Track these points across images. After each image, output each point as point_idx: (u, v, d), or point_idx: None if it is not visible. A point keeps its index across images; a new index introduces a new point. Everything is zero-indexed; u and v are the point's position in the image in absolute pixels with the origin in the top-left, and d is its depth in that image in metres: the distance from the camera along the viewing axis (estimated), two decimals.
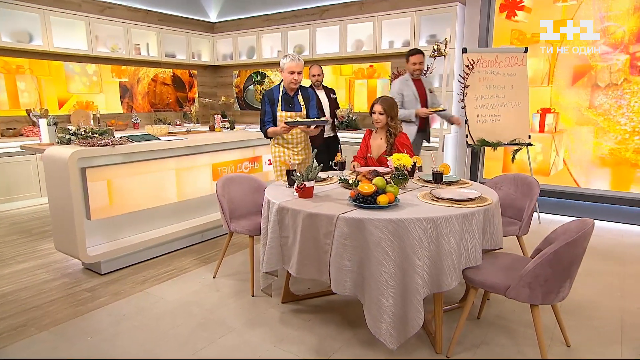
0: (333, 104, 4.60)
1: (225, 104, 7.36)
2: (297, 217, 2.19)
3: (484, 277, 2.03)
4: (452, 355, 2.12)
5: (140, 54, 6.17)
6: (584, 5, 4.38)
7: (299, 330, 2.38)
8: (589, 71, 4.44)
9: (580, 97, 4.52)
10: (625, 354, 2.15)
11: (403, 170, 2.56)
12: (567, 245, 1.81)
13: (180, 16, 6.85)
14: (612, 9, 4.24)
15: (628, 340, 2.26)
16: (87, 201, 3.01)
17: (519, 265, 2.10)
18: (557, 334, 2.27)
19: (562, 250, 1.82)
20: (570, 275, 1.92)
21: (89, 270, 3.21)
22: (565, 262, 1.86)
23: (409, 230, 1.96)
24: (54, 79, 5.53)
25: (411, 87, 4.03)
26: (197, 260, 3.44)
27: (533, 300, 1.91)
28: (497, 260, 2.21)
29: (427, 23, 5.11)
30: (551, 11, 4.57)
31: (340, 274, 2.06)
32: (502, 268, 2.11)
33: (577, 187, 4.64)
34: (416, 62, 3.99)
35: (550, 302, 1.94)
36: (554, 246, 1.84)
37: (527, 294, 1.90)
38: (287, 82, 3.23)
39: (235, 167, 4.11)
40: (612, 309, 2.60)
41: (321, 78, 4.50)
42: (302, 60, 3.22)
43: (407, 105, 4.03)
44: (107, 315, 2.55)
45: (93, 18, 5.48)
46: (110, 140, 3.13)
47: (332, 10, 6.06)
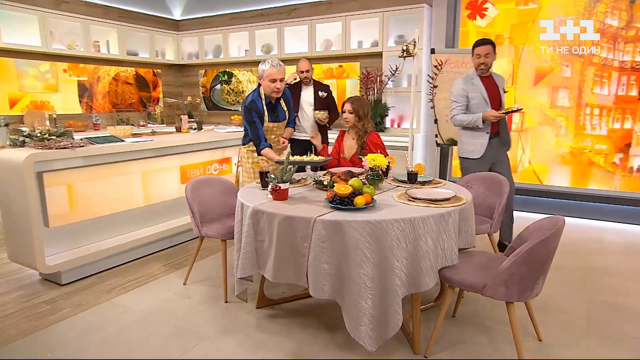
0: (321, 104, 4.02)
1: (192, 104, 7.17)
2: (272, 220, 2.13)
3: (461, 277, 2.05)
4: (430, 355, 2.12)
5: (100, 52, 5.90)
6: (544, 9, 4.54)
7: (276, 335, 2.33)
8: (550, 72, 4.61)
9: (542, 96, 4.69)
10: (593, 345, 2.22)
11: (378, 171, 2.55)
12: (541, 243, 1.85)
13: (143, 13, 6.61)
14: (569, 13, 4.41)
15: (595, 333, 2.34)
16: (44, 207, 2.83)
17: (494, 263, 2.13)
18: (529, 328, 2.32)
19: (537, 248, 1.85)
20: (544, 272, 1.96)
21: (48, 281, 3.02)
22: (539, 260, 1.89)
23: (387, 231, 1.94)
24: (3, 77, 5.19)
25: (478, 87, 3.30)
26: (167, 266, 3.31)
27: (509, 298, 1.94)
28: (472, 259, 2.23)
29: (396, 23, 5.15)
30: (514, 13, 4.71)
31: (319, 278, 2.02)
32: (477, 267, 2.13)
33: (540, 185, 4.81)
34: (481, 54, 3.25)
35: (525, 299, 1.98)
36: (528, 244, 1.87)
37: (504, 292, 1.93)
38: (268, 91, 2.98)
39: (204, 169, 4.00)
40: (578, 303, 2.69)
41: (310, 74, 4.07)
42: (283, 65, 2.98)
43: (473, 109, 3.31)
44: (69, 329, 2.39)
45: (47, 13, 5.18)
46: (69, 142, 2.96)
47: (301, 10, 6.01)
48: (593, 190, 4.54)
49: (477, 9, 4.88)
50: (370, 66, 5.44)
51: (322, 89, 4.09)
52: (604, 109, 4.40)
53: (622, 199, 4.34)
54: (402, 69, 5.09)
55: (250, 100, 3.01)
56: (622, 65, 4.26)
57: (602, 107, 4.40)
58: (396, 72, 5.05)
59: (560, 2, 4.46)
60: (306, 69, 4.01)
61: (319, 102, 4.02)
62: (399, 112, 5.35)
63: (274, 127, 3.16)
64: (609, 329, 2.38)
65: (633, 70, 4.22)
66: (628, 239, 3.85)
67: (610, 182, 4.45)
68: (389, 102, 5.26)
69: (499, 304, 2.55)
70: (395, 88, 5.23)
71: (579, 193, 4.59)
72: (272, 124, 3.13)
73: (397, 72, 5.06)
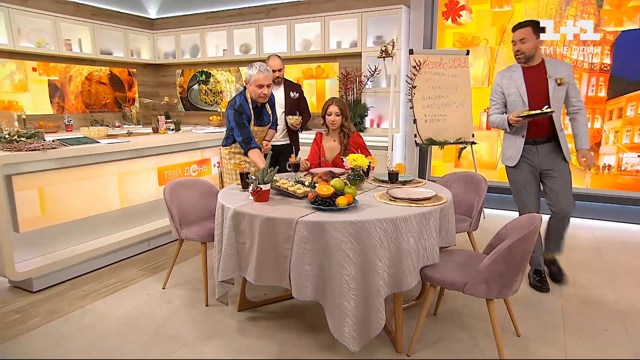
0: (292, 105, 3.74)
1: (169, 105, 7.04)
2: (254, 222, 2.11)
3: (442, 275, 2.07)
4: (412, 353, 2.14)
5: (72, 50, 5.71)
6: (517, 12, 4.65)
7: (258, 338, 2.30)
8: None
9: None
10: (569, 339, 2.28)
11: (359, 171, 2.55)
12: (520, 241, 1.88)
13: (116, 11, 6.44)
14: (541, 16, 4.53)
15: (570, 327, 2.40)
16: (14, 212, 2.72)
17: (474, 261, 2.16)
18: (507, 324, 2.37)
19: (515, 246, 1.88)
20: (522, 268, 2.00)
21: (18, 288, 2.91)
22: (518, 257, 1.93)
23: (369, 231, 1.94)
24: None
25: (517, 80, 2.75)
26: (144, 270, 3.23)
27: (489, 295, 1.97)
28: (453, 257, 2.26)
29: (374, 24, 5.18)
30: (489, 16, 4.80)
31: (301, 279, 2.01)
32: (458, 265, 2.15)
33: None
34: (516, 39, 2.71)
35: (505, 295, 2.01)
36: (507, 242, 1.90)
37: (484, 290, 1.95)
38: (254, 96, 2.95)
39: (182, 170, 3.93)
40: (553, 298, 2.75)
41: (282, 73, 3.72)
42: (270, 70, 2.91)
43: (511, 107, 2.81)
44: (42, 338, 2.31)
45: (13, 9, 4.97)
46: (40, 144, 2.85)
47: (279, 10, 5.98)
48: None
49: (454, 11, 4.96)
50: (349, 66, 5.46)
51: (293, 88, 3.78)
52: None
53: (594, 196, 4.48)
54: (381, 69, 5.12)
55: (238, 104, 2.95)
56: (591, 67, 4.40)
57: None
58: (375, 72, 5.08)
59: (533, 5, 4.57)
60: (277, 68, 3.64)
61: (290, 103, 3.72)
62: (378, 112, 5.38)
63: (258, 131, 3.13)
64: (582, 323, 2.44)
65: (601, 72, 4.36)
66: (600, 236, 3.97)
67: (581, 180, 4.59)
68: (368, 102, 5.28)
69: (478, 301, 2.60)
70: (375, 88, 5.26)
71: None
72: (257, 128, 3.10)
73: (376, 72, 5.09)
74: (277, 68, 3.61)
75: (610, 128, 4.39)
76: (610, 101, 4.36)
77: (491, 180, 4.89)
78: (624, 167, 4.38)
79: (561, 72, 2.69)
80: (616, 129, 4.37)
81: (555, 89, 2.69)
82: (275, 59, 3.66)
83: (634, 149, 4.31)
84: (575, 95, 2.77)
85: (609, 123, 4.39)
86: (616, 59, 4.28)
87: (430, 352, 2.16)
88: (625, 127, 4.33)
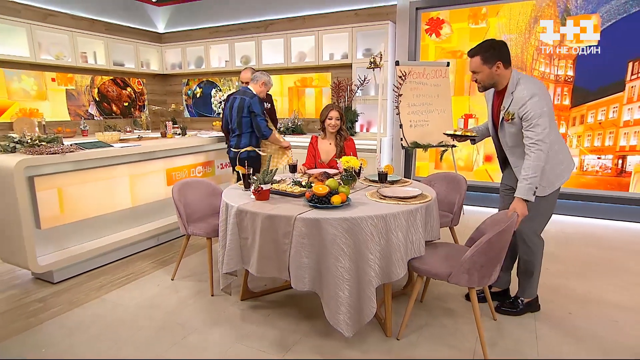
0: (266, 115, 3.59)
1: (175, 111, 6.98)
2: (255, 219, 2.09)
3: (428, 267, 2.07)
4: (402, 337, 2.14)
5: (88, 62, 5.64)
6: (492, 28, 4.66)
7: (260, 325, 2.28)
8: None
9: None
10: (539, 323, 2.29)
11: (352, 172, 2.54)
12: (498, 235, 1.88)
13: (128, 26, 6.37)
14: (512, 32, 4.56)
15: (540, 312, 2.41)
16: (36, 210, 2.68)
17: (457, 253, 2.16)
18: (484, 310, 2.37)
19: (494, 239, 1.89)
20: (500, 260, 2.00)
21: (40, 280, 2.87)
22: (496, 249, 1.93)
23: (361, 227, 1.93)
24: None
25: (489, 100, 2.37)
26: (154, 263, 3.20)
27: (471, 284, 1.97)
28: (437, 250, 2.26)
29: (363, 38, 5.17)
30: (467, 31, 4.82)
31: (299, 271, 2.00)
32: (442, 257, 2.16)
33: (492, 182, 4.94)
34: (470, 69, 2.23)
35: (484, 284, 2.02)
36: (487, 236, 1.90)
37: (467, 279, 1.96)
38: (263, 95, 3.52)
39: (189, 171, 3.89)
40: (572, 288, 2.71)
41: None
42: None
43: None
44: (61, 326, 2.27)
45: (35, 25, 4.91)
46: (59, 148, 2.81)
47: (277, 24, 5.95)
48: None
49: (435, 27, 4.97)
50: (341, 76, 5.45)
51: (266, 100, 3.67)
52: None
53: (561, 193, 4.50)
54: (370, 79, 5.11)
55: (259, 97, 3.47)
56: (557, 78, 4.43)
57: None
58: (365, 81, 5.08)
59: (505, 22, 4.59)
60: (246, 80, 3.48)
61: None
62: (368, 117, 5.38)
63: None
64: (550, 308, 2.46)
65: (566, 82, 4.39)
66: (567, 229, 4.00)
67: None
68: (359, 109, 5.28)
69: (459, 289, 2.61)
70: (364, 96, 5.25)
71: None
72: None
73: (365, 81, 5.08)
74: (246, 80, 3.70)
75: (573, 133, 4.42)
76: (574, 109, 4.39)
77: (470, 180, 4.91)
78: (585, 167, 4.42)
79: (513, 106, 2.13)
80: (579, 134, 4.40)
81: (505, 122, 2.20)
82: (250, 71, 3.79)
83: (594, 151, 4.35)
84: (528, 133, 2.07)
85: (572, 128, 4.43)
86: (578, 72, 4.31)
87: (417, 336, 2.16)
88: (586, 132, 4.37)
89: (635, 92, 4.10)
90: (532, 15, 4.44)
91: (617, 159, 4.27)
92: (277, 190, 2.38)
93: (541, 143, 2.05)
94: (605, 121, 4.26)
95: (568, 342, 2.11)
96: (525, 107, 2.08)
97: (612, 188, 4.32)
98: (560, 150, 2.25)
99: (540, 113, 2.04)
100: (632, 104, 4.12)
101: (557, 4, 4.32)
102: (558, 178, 2.29)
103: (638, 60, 4.05)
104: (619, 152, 4.24)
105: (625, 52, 4.07)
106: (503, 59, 2.14)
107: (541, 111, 2.05)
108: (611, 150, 4.27)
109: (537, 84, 2.15)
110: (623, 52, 4.08)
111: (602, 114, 4.26)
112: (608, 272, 2.97)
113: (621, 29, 4.07)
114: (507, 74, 2.18)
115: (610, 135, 4.25)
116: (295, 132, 5.58)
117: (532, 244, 2.30)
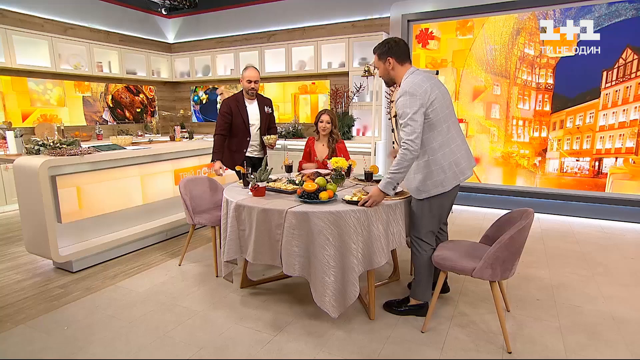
0: (265, 121, 3.36)
1: (184, 117, 7.20)
2: (252, 212, 2.27)
3: (452, 263, 2.09)
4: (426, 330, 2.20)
5: (103, 71, 5.88)
6: (478, 39, 4.83)
7: (257, 309, 2.46)
8: (485, 90, 4.91)
9: (479, 110, 4.98)
10: (511, 309, 2.44)
11: (340, 171, 2.72)
12: (520, 231, 1.94)
13: (140, 37, 6.61)
14: (497, 43, 4.72)
15: (512, 299, 2.55)
16: (57, 206, 2.88)
17: (476, 249, 2.20)
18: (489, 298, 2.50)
19: (516, 235, 1.94)
20: (519, 255, 2.03)
21: (61, 269, 3.07)
22: (517, 245, 1.97)
23: (345, 220, 2.10)
24: (17, 94, 5.14)
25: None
26: (163, 255, 3.39)
27: (494, 278, 2.00)
28: (457, 246, 2.27)
29: (359, 48, 5.36)
30: (454, 42, 4.99)
31: (290, 258, 2.17)
32: (464, 253, 2.16)
33: (479, 183, 5.10)
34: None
35: (505, 278, 2.03)
36: (509, 232, 1.94)
37: (490, 273, 1.98)
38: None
39: (195, 172, 4.08)
40: (542, 278, 2.86)
41: (258, 86, 3.21)
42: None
43: None
44: (80, 308, 2.47)
45: (56, 38, 5.16)
46: (78, 150, 3.02)
47: (279, 35, 6.15)
48: (520, 186, 4.86)
49: (425, 38, 5.15)
50: (339, 83, 5.64)
51: (267, 103, 3.33)
52: (526, 121, 4.72)
53: (541, 193, 4.66)
54: (365, 86, 5.30)
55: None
56: (538, 86, 4.59)
57: (524, 119, 4.72)
58: (360, 88, 5.26)
59: (490, 34, 4.76)
60: (254, 79, 3.13)
61: (265, 118, 3.30)
62: (363, 122, 5.56)
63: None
64: (521, 294, 2.61)
65: (546, 90, 4.55)
66: (544, 226, 4.14)
67: (532, 180, 4.77)
68: (355, 114, 5.46)
69: (459, 278, 2.75)
70: (360, 102, 5.43)
71: (508, 189, 4.89)
72: None
73: (361, 88, 5.26)
74: (254, 79, 3.17)
75: (554, 137, 4.58)
76: (554, 114, 4.55)
77: None
78: (565, 169, 4.56)
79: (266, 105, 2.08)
80: (558, 138, 4.56)
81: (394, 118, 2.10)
82: (254, 70, 3.19)
83: (573, 154, 4.50)
84: (401, 132, 2.05)
85: (552, 133, 4.58)
86: (557, 80, 4.47)
87: (395, 319, 2.32)
88: (566, 136, 4.52)
89: (610, 99, 4.25)
90: (514, 27, 4.61)
91: (594, 161, 4.42)
92: (272, 187, 2.57)
93: (410, 143, 2.01)
94: (583, 126, 4.41)
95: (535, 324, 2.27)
96: (396, 105, 2.07)
97: (589, 188, 4.46)
98: (449, 156, 2.10)
99: (403, 113, 1.97)
100: (607, 109, 4.28)
101: (537, 17, 4.49)
102: (436, 186, 2.15)
103: (611, 70, 4.21)
104: (596, 155, 4.39)
105: (599, 62, 4.23)
106: (395, 55, 2.14)
107: (403, 111, 1.97)
108: (588, 153, 4.42)
109: (416, 83, 2.02)
110: (598, 62, 4.24)
111: (580, 119, 4.42)
112: (577, 263, 3.12)
113: (595, 41, 4.24)
114: (401, 71, 2.16)
115: (588, 139, 4.41)
116: (295, 136, 5.77)
117: (415, 249, 2.31)
